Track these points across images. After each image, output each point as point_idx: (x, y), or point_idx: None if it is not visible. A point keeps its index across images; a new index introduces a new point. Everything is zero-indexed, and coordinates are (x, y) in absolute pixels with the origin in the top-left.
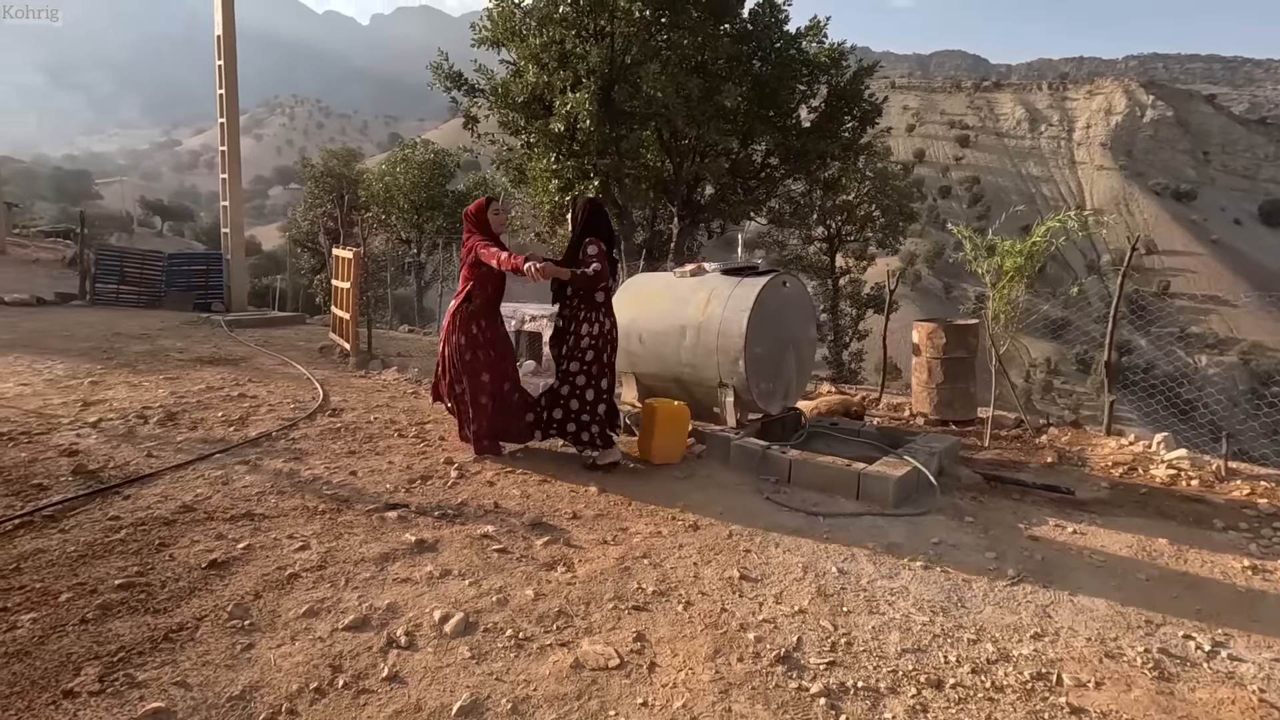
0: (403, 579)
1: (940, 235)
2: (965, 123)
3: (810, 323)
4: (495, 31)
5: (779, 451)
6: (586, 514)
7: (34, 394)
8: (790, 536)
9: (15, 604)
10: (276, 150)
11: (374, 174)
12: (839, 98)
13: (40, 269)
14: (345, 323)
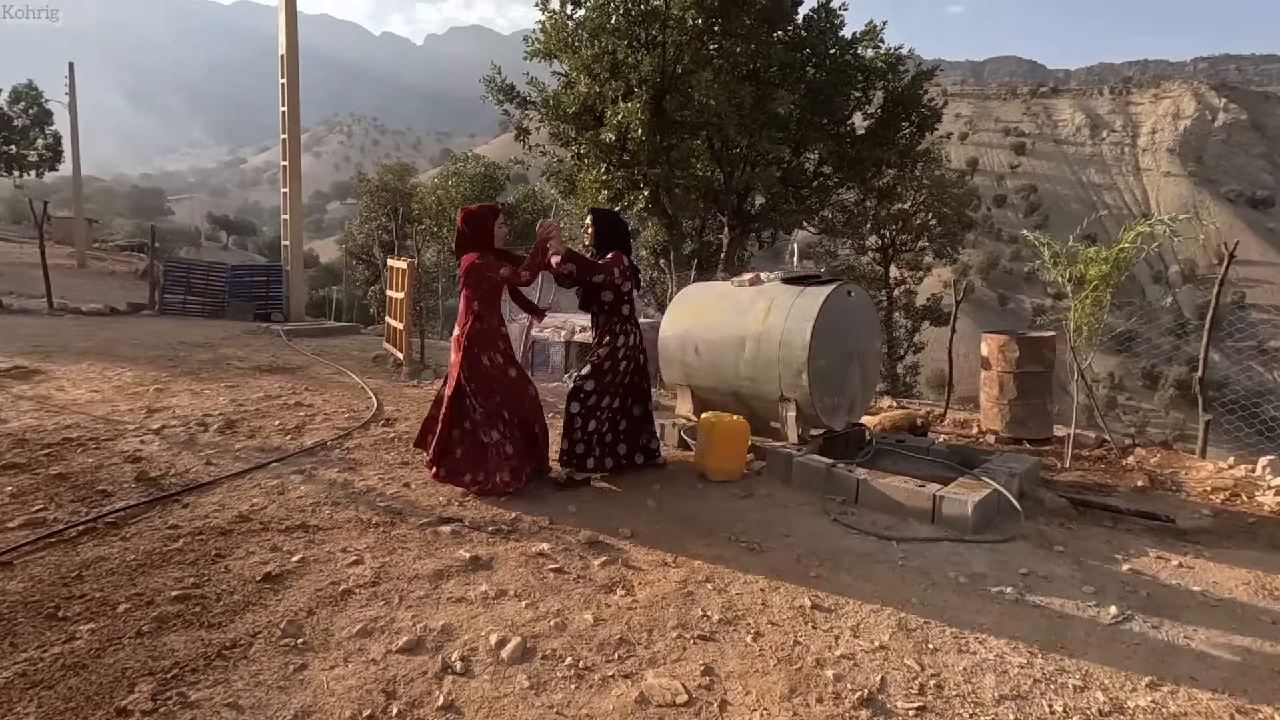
0: (457, 598)
1: (994, 245)
2: (1021, 130)
3: (875, 334)
4: (548, 43)
5: (845, 470)
6: (644, 533)
7: (103, 400)
8: (862, 562)
9: (75, 613)
10: (334, 166)
11: (426, 188)
12: (896, 103)
13: (115, 281)
14: (399, 333)
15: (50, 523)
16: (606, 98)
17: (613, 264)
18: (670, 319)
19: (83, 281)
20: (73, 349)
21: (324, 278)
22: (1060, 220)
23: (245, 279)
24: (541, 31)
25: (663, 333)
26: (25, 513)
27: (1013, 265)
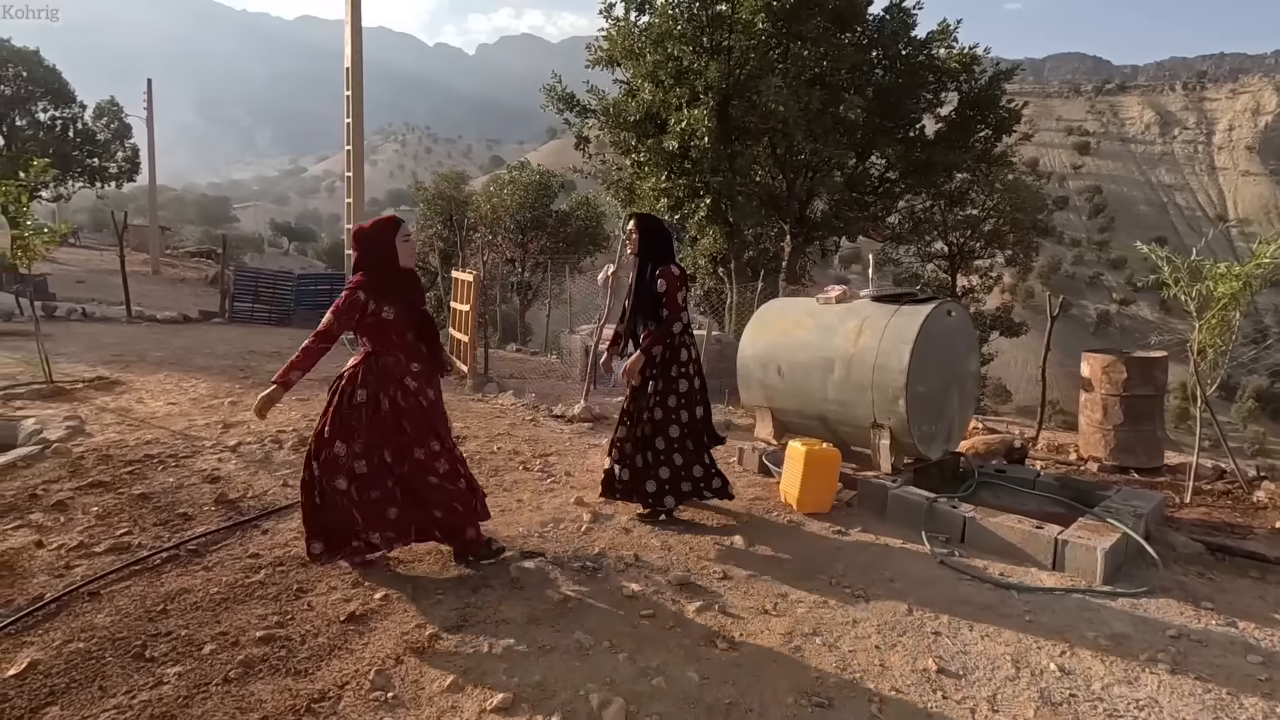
0: (549, 647)
1: (1055, 249)
2: (1085, 129)
3: (974, 355)
4: (612, 50)
5: (949, 505)
6: (738, 574)
7: (181, 413)
8: (984, 616)
9: (162, 654)
10: (389, 174)
11: (482, 195)
12: (971, 105)
13: (186, 287)
14: (463, 345)
15: (135, 549)
16: (670, 105)
17: (675, 290)
18: (751, 337)
19: (157, 288)
20: (150, 358)
21: None
22: (1127, 223)
23: (310, 287)
24: (605, 39)
25: (742, 351)
26: (111, 536)
27: (1075, 270)
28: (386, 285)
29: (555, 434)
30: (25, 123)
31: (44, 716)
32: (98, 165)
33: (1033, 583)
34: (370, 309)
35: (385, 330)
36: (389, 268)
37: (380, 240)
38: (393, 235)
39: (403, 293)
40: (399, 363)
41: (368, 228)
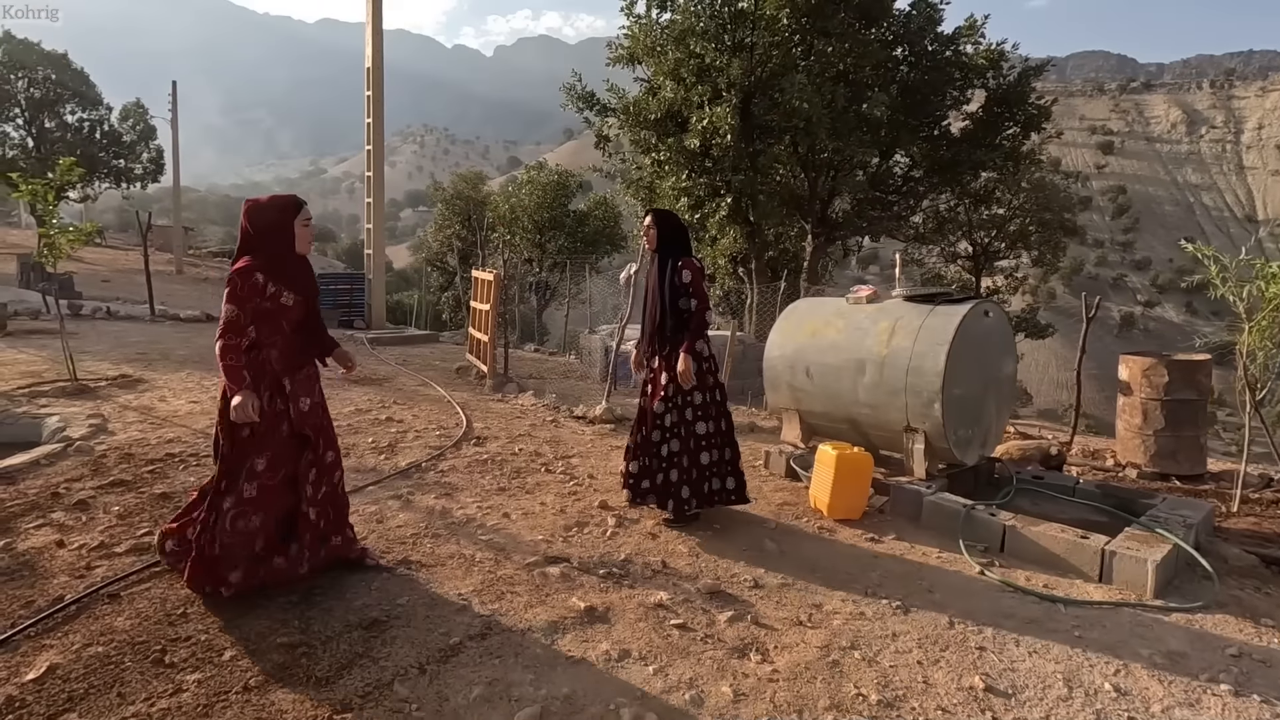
0: (577, 658)
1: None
2: (1109, 128)
3: (1011, 357)
4: (633, 48)
5: (988, 513)
6: (769, 582)
7: (202, 411)
8: (1030, 630)
9: (181, 659)
10: (408, 175)
11: (500, 195)
12: (1000, 102)
13: (209, 286)
14: (483, 345)
15: (155, 549)
16: (692, 103)
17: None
18: (778, 338)
19: (181, 287)
20: (173, 357)
21: (398, 283)
22: (1152, 223)
23: (330, 287)
24: (626, 37)
25: (769, 352)
26: (132, 536)
27: (1098, 271)
28: (282, 269)
29: (577, 435)
30: (54, 124)
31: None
32: (123, 166)
33: (1079, 596)
34: (270, 292)
35: (278, 319)
36: (286, 251)
37: (279, 219)
38: (292, 216)
39: (300, 280)
40: (281, 358)
41: (264, 203)
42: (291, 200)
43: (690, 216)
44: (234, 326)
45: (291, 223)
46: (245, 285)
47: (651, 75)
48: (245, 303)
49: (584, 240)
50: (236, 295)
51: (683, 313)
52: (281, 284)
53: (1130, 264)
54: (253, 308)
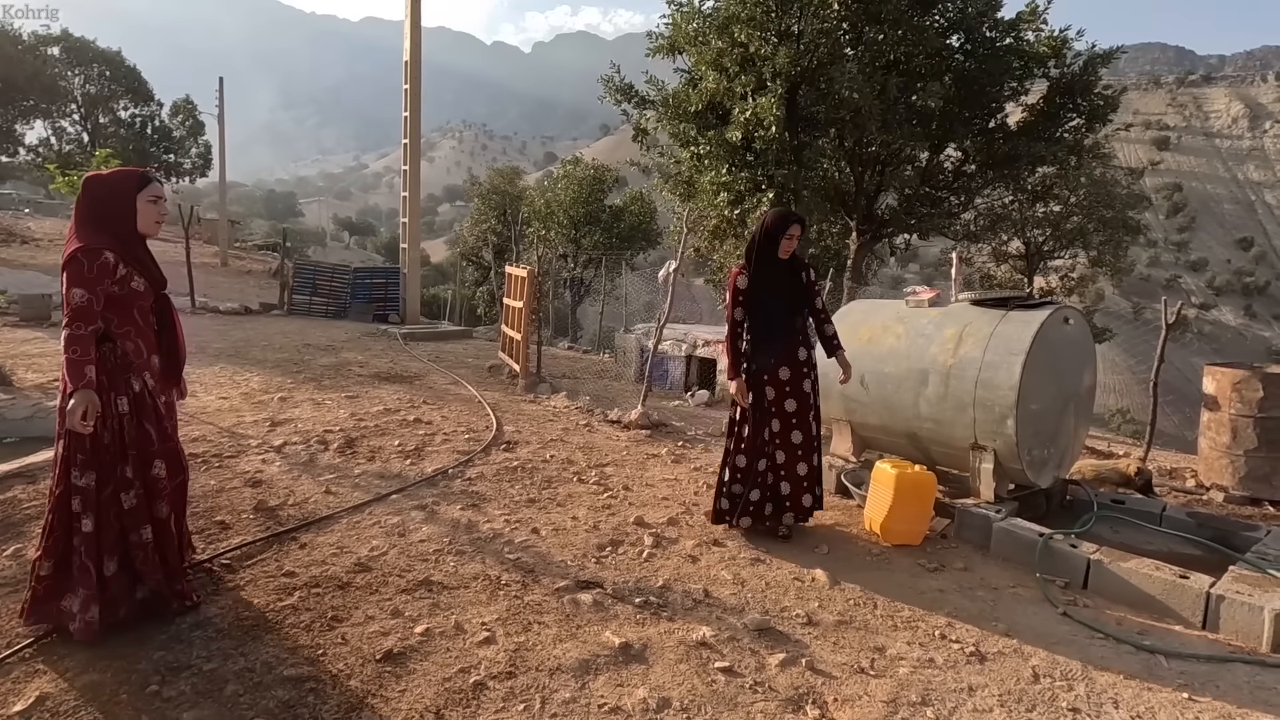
0: (611, 707)
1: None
2: (1165, 123)
3: (1091, 369)
4: (675, 36)
5: (1068, 544)
6: (824, 618)
7: (230, 409)
8: (1129, 688)
9: (180, 693)
10: (447, 170)
11: (536, 190)
12: (1063, 92)
13: (251, 279)
14: (515, 343)
15: None
16: (735, 93)
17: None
18: None
19: (224, 280)
20: (209, 350)
21: (434, 277)
22: (1209, 222)
23: (366, 281)
24: (669, 25)
25: (820, 358)
26: None
27: (1150, 272)
28: (128, 250)
29: (611, 441)
30: (108, 120)
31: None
32: (173, 161)
33: (1182, 647)
34: (120, 274)
35: (130, 305)
36: (127, 229)
37: (118, 190)
38: (135, 189)
39: (146, 263)
40: (139, 350)
41: (105, 176)
42: (136, 172)
43: (730, 212)
44: (85, 313)
45: (134, 197)
46: (95, 266)
47: (693, 65)
48: (96, 284)
49: (619, 236)
50: (85, 277)
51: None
52: (131, 266)
53: (1185, 265)
54: (103, 291)
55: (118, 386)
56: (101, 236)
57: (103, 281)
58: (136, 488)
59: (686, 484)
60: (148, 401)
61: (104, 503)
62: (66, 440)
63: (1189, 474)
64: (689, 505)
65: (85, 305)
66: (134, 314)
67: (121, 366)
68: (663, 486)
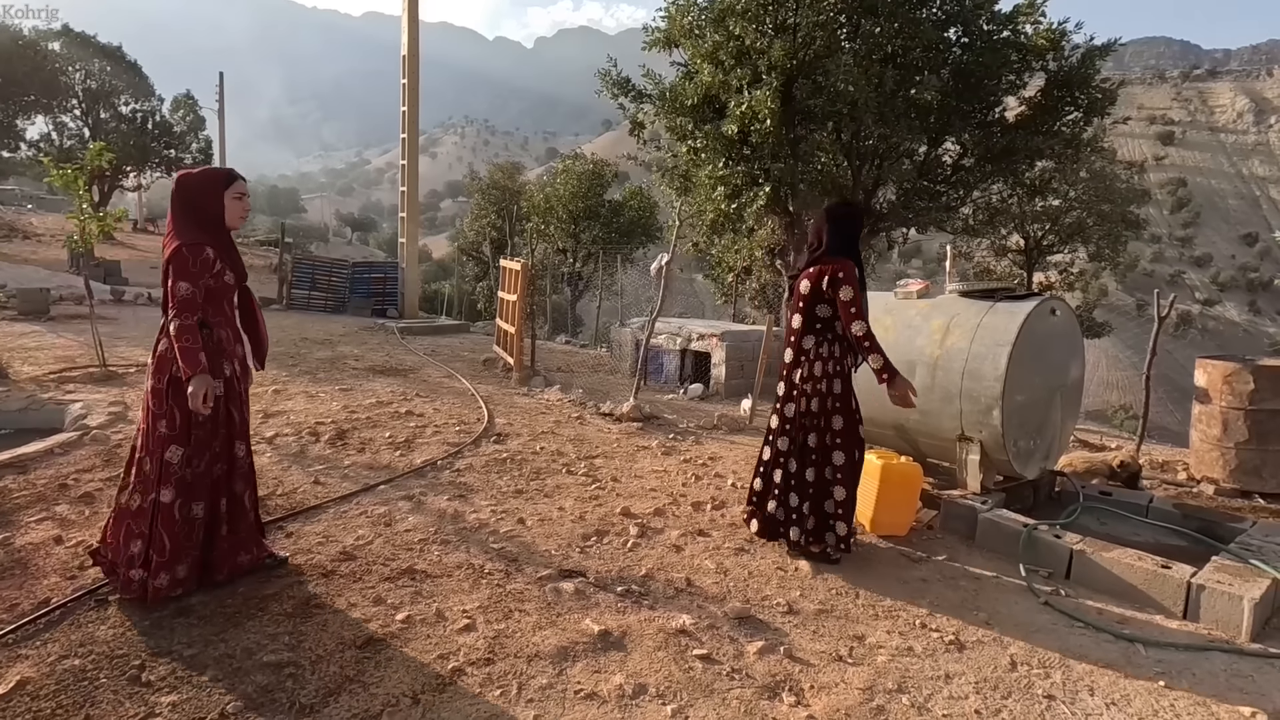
0: (587, 693)
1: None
2: (1169, 118)
3: (1079, 361)
4: (670, 30)
5: (1051, 534)
6: (805, 607)
7: None
8: (1106, 676)
9: (159, 678)
10: (448, 166)
11: (535, 185)
12: (1061, 85)
13: (254, 274)
14: (510, 336)
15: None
16: (731, 87)
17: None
18: None
19: None
20: None
21: (435, 273)
22: (1214, 218)
23: (364, 275)
24: (664, 18)
25: None
26: None
27: (1154, 267)
28: (219, 243)
29: (602, 434)
30: (109, 115)
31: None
32: (174, 156)
33: (1161, 636)
34: (216, 268)
35: (221, 297)
36: (216, 226)
37: (208, 188)
38: (222, 188)
39: (233, 256)
40: (229, 338)
41: (195, 174)
42: (222, 172)
43: (726, 206)
44: (191, 304)
45: (221, 195)
46: (197, 260)
47: (689, 59)
48: (199, 277)
49: (619, 231)
50: (189, 271)
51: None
52: (225, 262)
53: (1189, 260)
54: (204, 284)
55: (213, 371)
56: (199, 232)
57: (204, 275)
58: (223, 463)
59: (675, 476)
60: (235, 386)
61: (194, 476)
62: (156, 418)
63: (1180, 467)
64: (676, 497)
65: (190, 297)
66: (224, 304)
67: (216, 353)
68: (651, 478)
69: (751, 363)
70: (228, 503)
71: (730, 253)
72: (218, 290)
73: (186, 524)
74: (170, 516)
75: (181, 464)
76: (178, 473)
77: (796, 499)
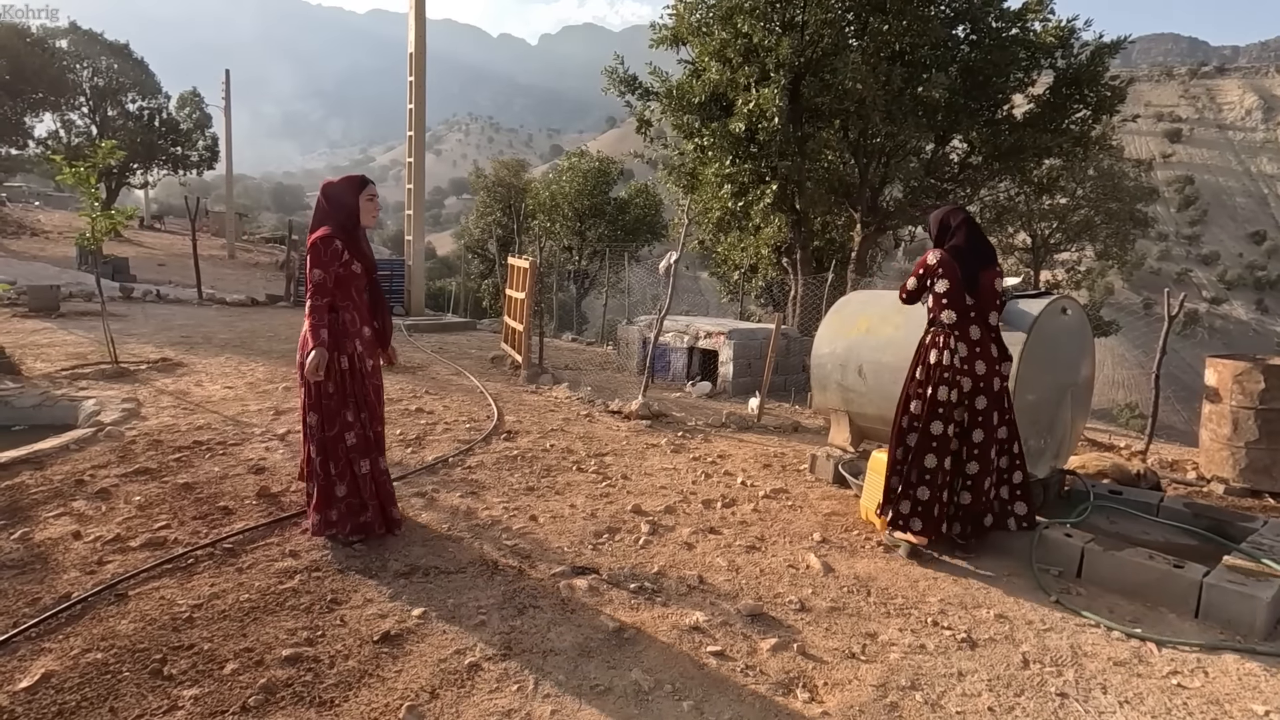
0: (603, 688)
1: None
2: (1177, 115)
3: (1089, 360)
4: (678, 28)
5: (1062, 533)
6: (817, 604)
7: (236, 398)
8: (1118, 675)
9: (181, 671)
10: (453, 164)
11: (540, 183)
12: (1069, 83)
13: (259, 271)
14: (518, 334)
15: (170, 544)
16: (738, 84)
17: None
18: (828, 333)
19: (231, 272)
20: (215, 341)
21: (440, 270)
22: (1221, 216)
23: None
24: (671, 15)
25: (818, 349)
26: (149, 529)
27: (1161, 265)
28: (351, 239)
29: (611, 431)
30: (116, 113)
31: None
32: (180, 153)
33: (1173, 635)
34: (345, 258)
35: (349, 285)
36: (353, 223)
37: (346, 194)
38: (358, 191)
39: (364, 250)
40: (354, 321)
41: (336, 182)
42: (359, 178)
43: (733, 204)
44: (321, 288)
45: (356, 197)
46: (328, 250)
47: (696, 57)
48: (330, 264)
49: (624, 228)
50: (320, 259)
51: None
52: (352, 253)
53: (1196, 258)
54: (334, 272)
55: (340, 348)
56: (335, 229)
57: (333, 264)
58: (355, 430)
59: (685, 473)
60: (358, 364)
61: (329, 440)
62: (305, 389)
63: (1190, 466)
64: (686, 494)
65: (321, 282)
66: (352, 291)
67: (341, 333)
68: (661, 476)
69: (759, 360)
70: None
71: (736, 250)
72: (346, 278)
73: (326, 478)
74: (314, 471)
75: (318, 428)
76: (317, 434)
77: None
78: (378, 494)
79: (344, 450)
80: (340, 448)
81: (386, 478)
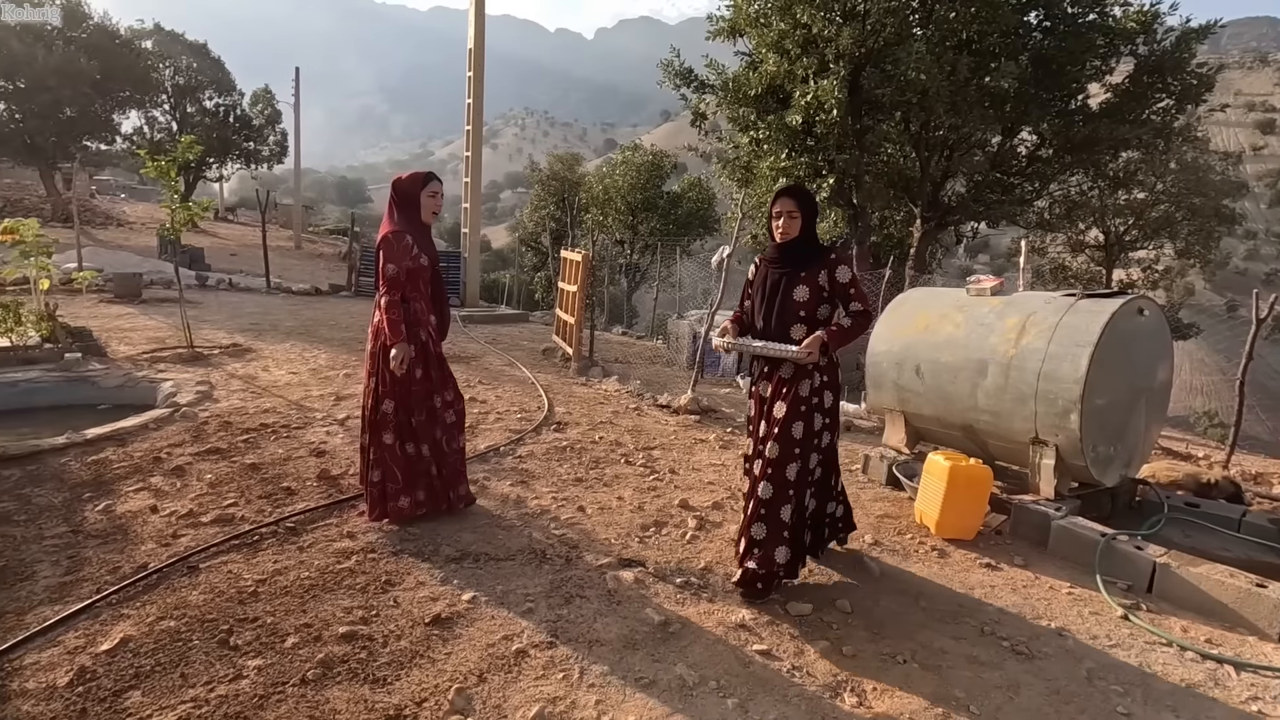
0: (648, 681)
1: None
2: (1271, 104)
3: (1167, 364)
4: (736, 18)
5: (1132, 545)
6: (867, 608)
7: (299, 383)
8: (1189, 699)
9: (245, 643)
10: (509, 157)
11: (594, 176)
12: (1152, 71)
13: (323, 262)
14: (569, 327)
15: (238, 521)
16: (796, 76)
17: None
18: (885, 331)
19: (297, 262)
20: (281, 328)
21: (495, 262)
22: None
23: None
24: (729, 7)
25: (874, 346)
26: (218, 506)
27: (1247, 265)
28: (417, 232)
29: (660, 425)
30: (194, 109)
31: (126, 701)
32: (252, 148)
33: (1254, 659)
34: (414, 252)
35: (417, 277)
36: (415, 218)
37: (411, 191)
38: (420, 187)
39: (428, 244)
40: (423, 310)
41: (403, 177)
42: (423, 174)
43: None
44: (395, 282)
45: (419, 193)
46: (399, 245)
47: (753, 48)
48: (402, 258)
49: (677, 222)
50: (393, 254)
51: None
52: (421, 247)
53: None
54: (405, 266)
55: (410, 337)
56: (405, 223)
57: (405, 257)
58: (424, 413)
59: (733, 470)
60: (430, 349)
61: (401, 424)
62: (377, 378)
63: (1276, 479)
64: (734, 490)
65: (395, 276)
66: (419, 283)
67: (413, 322)
68: (709, 471)
69: None
70: (430, 448)
71: None
72: (414, 271)
73: (407, 460)
74: (395, 454)
75: (394, 413)
76: (393, 419)
77: None
78: (457, 470)
79: (411, 432)
80: (409, 430)
81: (461, 456)
